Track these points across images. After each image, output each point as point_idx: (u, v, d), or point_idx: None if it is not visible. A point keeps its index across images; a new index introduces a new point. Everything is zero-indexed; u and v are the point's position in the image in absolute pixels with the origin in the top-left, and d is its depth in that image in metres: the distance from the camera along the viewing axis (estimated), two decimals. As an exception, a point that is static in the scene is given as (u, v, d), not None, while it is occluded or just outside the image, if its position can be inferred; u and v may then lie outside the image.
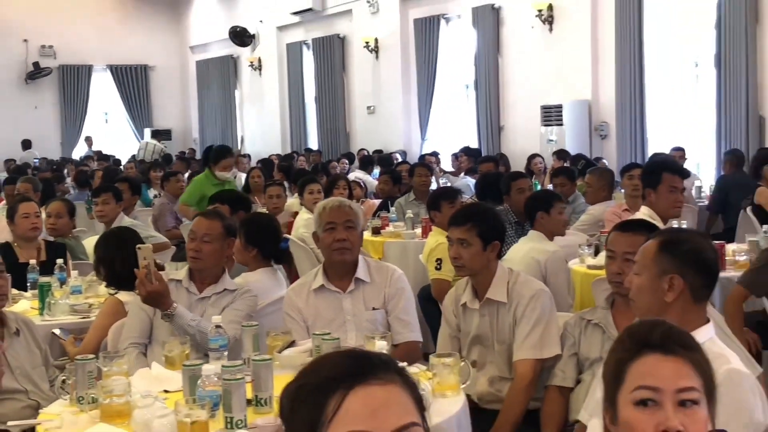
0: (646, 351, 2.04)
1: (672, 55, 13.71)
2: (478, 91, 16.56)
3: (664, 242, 3.12)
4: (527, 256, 5.98)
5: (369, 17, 18.80)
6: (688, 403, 1.99)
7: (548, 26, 14.86)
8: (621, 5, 13.63)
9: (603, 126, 14.32)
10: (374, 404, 1.53)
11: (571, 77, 14.53)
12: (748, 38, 12.01)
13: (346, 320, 4.33)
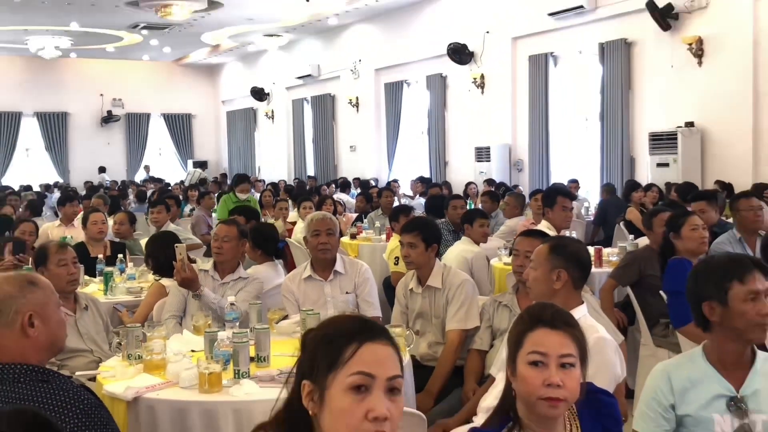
0: (540, 325, 2.05)
1: (569, 112, 13.80)
2: (430, 135, 16.59)
3: (553, 246, 3.16)
4: (459, 255, 6.01)
5: (352, 81, 18.83)
6: (567, 366, 2.01)
7: (480, 90, 14.93)
8: (533, 75, 13.73)
9: (519, 162, 14.38)
10: (380, 356, 1.56)
11: (497, 127, 14.59)
12: (623, 101, 12.13)
13: (327, 301, 4.35)
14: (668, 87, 11.42)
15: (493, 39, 14.47)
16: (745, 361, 2.43)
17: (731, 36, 10.51)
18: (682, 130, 10.91)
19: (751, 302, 2.37)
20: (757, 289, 2.38)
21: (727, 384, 2.39)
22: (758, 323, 2.36)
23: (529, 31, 13.72)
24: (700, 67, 10.94)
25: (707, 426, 2.37)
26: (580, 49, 13.02)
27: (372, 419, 1.50)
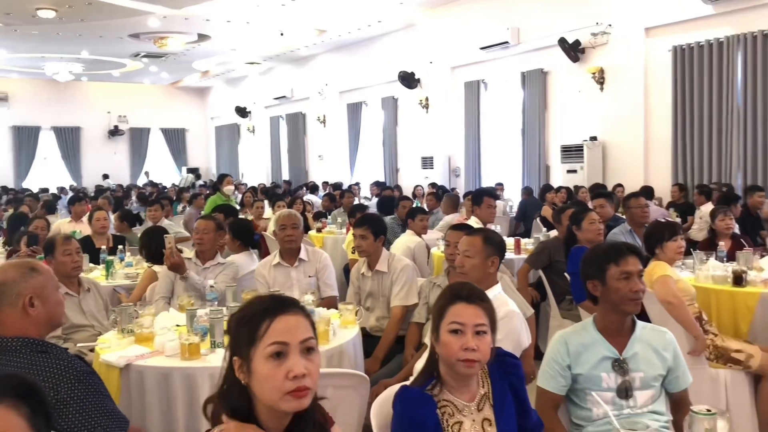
0: (458, 300, 2.05)
1: (497, 127, 13.88)
2: (384, 147, 16.55)
3: (486, 238, 3.21)
4: (404, 244, 6.03)
5: (320, 102, 18.72)
6: (481, 333, 2.01)
7: (426, 110, 14.96)
8: (468, 98, 13.80)
9: (457, 169, 14.44)
10: (291, 325, 1.56)
11: (439, 140, 14.62)
12: (540, 119, 12.27)
13: (293, 284, 4.32)
14: (576, 108, 11.58)
15: (435, 68, 14.51)
16: (626, 329, 2.48)
17: (627, 66, 10.69)
18: (587, 143, 11.07)
19: (624, 281, 2.43)
20: (629, 270, 2.43)
21: (612, 348, 2.43)
22: (630, 298, 2.42)
23: (464, 62, 13.78)
24: (602, 92, 11.11)
25: (596, 382, 2.41)
26: (506, 76, 13.11)
27: (292, 378, 1.51)
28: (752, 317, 4.12)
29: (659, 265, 3.83)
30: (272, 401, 1.53)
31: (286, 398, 1.51)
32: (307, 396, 1.53)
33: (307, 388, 1.53)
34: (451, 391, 2.06)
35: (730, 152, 9.49)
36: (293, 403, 1.52)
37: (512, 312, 2.90)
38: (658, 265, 3.83)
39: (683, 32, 9.91)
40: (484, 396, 2.08)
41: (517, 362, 2.18)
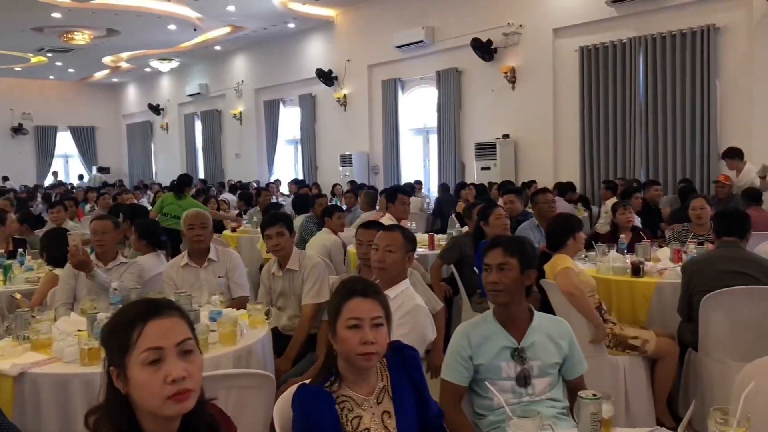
0: (354, 296, 2.05)
1: (414, 126, 14.05)
2: (303, 144, 16.48)
3: (404, 234, 3.27)
4: (321, 243, 6.02)
5: (236, 99, 18.43)
6: (378, 326, 2.03)
7: (344, 107, 14.99)
8: (385, 96, 13.91)
9: (376, 167, 14.53)
10: (164, 329, 1.51)
11: (357, 138, 14.68)
12: (455, 118, 12.50)
13: (202, 284, 4.21)
14: (489, 107, 11.86)
15: (352, 66, 14.54)
16: (524, 320, 2.56)
17: (537, 66, 11.03)
18: (500, 140, 11.36)
19: (485, 273, 2.53)
20: (488, 263, 2.56)
21: (511, 338, 2.51)
22: (488, 290, 2.52)
23: (381, 60, 13.88)
24: (514, 91, 11.43)
25: (496, 372, 2.48)
26: (422, 75, 13.28)
27: (170, 382, 1.47)
28: (649, 306, 4.33)
29: (561, 257, 3.97)
30: (154, 408, 1.49)
31: (167, 403, 1.48)
32: (189, 398, 1.50)
33: (189, 390, 1.49)
34: (350, 386, 2.07)
35: (633, 148, 9.95)
36: (176, 407, 1.48)
37: (418, 306, 2.95)
38: (560, 258, 3.97)
39: (589, 33, 10.31)
40: (383, 389, 2.09)
41: (416, 354, 2.21)
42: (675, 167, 9.47)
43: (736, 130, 8.89)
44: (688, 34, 9.18)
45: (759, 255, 3.87)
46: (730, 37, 8.90)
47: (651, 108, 9.67)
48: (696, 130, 9.22)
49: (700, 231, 5.44)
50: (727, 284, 3.65)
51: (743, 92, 8.78)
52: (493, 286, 2.51)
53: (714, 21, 8.95)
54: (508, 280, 2.52)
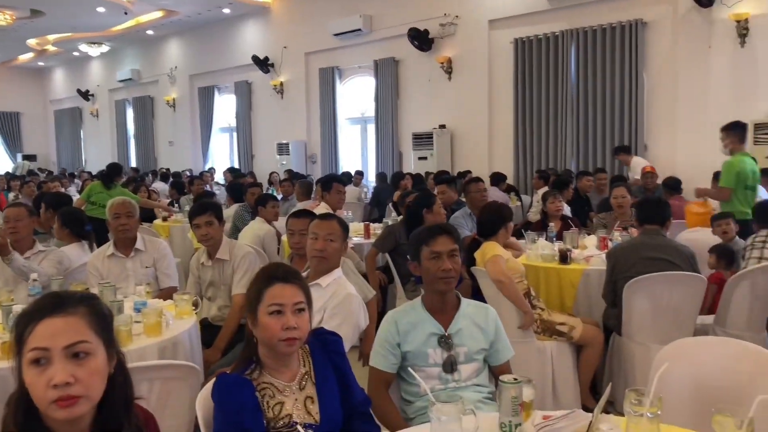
0: (275, 281, 2.03)
1: (352, 115, 14.01)
2: (239, 132, 16.20)
3: (341, 223, 3.28)
4: (253, 232, 5.94)
5: (170, 85, 17.96)
6: (300, 311, 2.01)
7: (280, 95, 14.80)
8: (322, 84, 13.81)
9: (313, 156, 14.43)
10: (55, 330, 1.43)
11: (295, 126, 14.53)
12: (393, 107, 12.53)
13: (128, 275, 4.11)
14: (426, 97, 11.92)
15: (289, 53, 14.36)
16: (451, 307, 2.58)
17: (473, 56, 11.14)
18: (436, 131, 11.44)
19: (433, 260, 2.52)
20: (438, 250, 2.53)
21: (438, 325, 2.53)
22: (440, 277, 2.51)
23: (318, 48, 13.75)
24: (450, 81, 11.52)
25: (424, 358, 2.50)
26: (360, 64, 13.24)
27: (53, 386, 1.40)
28: (575, 292, 4.44)
29: (491, 245, 4.03)
30: (42, 410, 1.43)
31: (52, 407, 1.41)
32: (77, 404, 1.42)
33: (74, 397, 1.41)
34: (271, 373, 2.05)
35: (564, 139, 10.18)
36: (61, 412, 1.41)
37: (351, 296, 2.96)
38: (489, 245, 4.03)
39: (523, 26, 10.47)
40: (305, 375, 2.08)
41: (338, 339, 2.21)
42: (605, 158, 9.74)
43: (662, 121, 9.20)
44: (617, 27, 9.43)
45: (678, 242, 4.01)
46: (657, 31, 9.19)
47: (582, 100, 9.90)
48: (624, 121, 9.50)
49: (622, 219, 5.62)
50: (649, 270, 3.77)
51: (668, 85, 9.09)
52: (446, 273, 2.51)
53: (641, 16, 9.23)
54: (458, 267, 2.55)
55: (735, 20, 8.24)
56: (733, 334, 3.97)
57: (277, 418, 1.99)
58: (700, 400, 2.26)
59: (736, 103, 8.36)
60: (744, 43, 8.25)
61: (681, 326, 3.84)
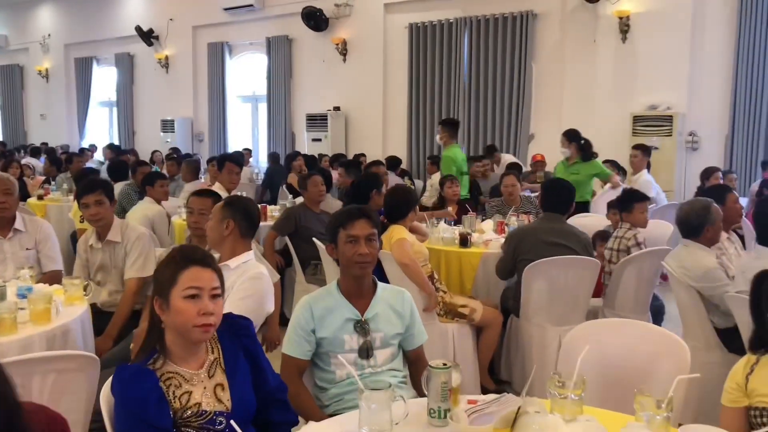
0: (192, 264, 1.92)
1: (243, 93, 13.63)
2: (120, 108, 15.37)
3: (227, 202, 3.14)
4: (142, 213, 5.64)
5: (42, 54, 16.68)
6: (216, 296, 1.93)
7: (165, 69, 14.16)
8: (211, 60, 13.34)
9: (200, 134, 13.93)
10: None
11: (180, 103, 13.95)
12: (286, 87, 12.30)
13: (6, 257, 3.76)
14: (321, 78, 11.78)
15: (176, 26, 13.74)
16: (368, 291, 2.54)
17: (368, 39, 11.11)
18: (331, 112, 11.35)
19: (350, 244, 2.48)
20: (355, 234, 2.49)
21: (354, 310, 2.48)
22: (356, 261, 2.47)
23: (207, 22, 13.24)
24: (345, 63, 11.45)
25: (339, 345, 2.44)
26: (251, 41, 12.88)
27: None
28: (475, 275, 4.54)
29: (397, 228, 4.03)
30: None
31: None
32: None
33: None
34: (177, 361, 1.95)
35: (457, 125, 10.38)
36: None
37: (262, 274, 2.87)
38: (396, 229, 4.03)
39: (419, 11, 10.55)
40: (214, 362, 2.00)
41: (249, 323, 2.13)
42: (494, 144, 10.01)
43: (549, 111, 9.58)
44: (509, 18, 9.70)
45: (576, 227, 4.18)
46: (546, 23, 9.54)
47: (474, 87, 10.13)
48: (512, 110, 9.82)
49: (512, 204, 5.81)
50: (547, 254, 3.90)
51: (555, 76, 9.47)
52: (363, 257, 2.46)
53: (532, 7, 9.54)
54: (376, 251, 2.50)
55: (618, 17, 8.69)
56: (621, 315, 4.21)
57: (184, 408, 1.90)
58: (608, 380, 2.36)
59: (618, 95, 8.85)
60: (626, 39, 8.73)
61: (575, 308, 4.01)
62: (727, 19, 8.31)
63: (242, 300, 2.67)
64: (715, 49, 8.43)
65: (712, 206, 3.65)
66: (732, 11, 8.25)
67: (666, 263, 3.73)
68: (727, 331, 3.45)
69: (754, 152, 8.25)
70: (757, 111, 8.17)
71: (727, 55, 8.37)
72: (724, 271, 3.53)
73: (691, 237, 3.65)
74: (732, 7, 8.25)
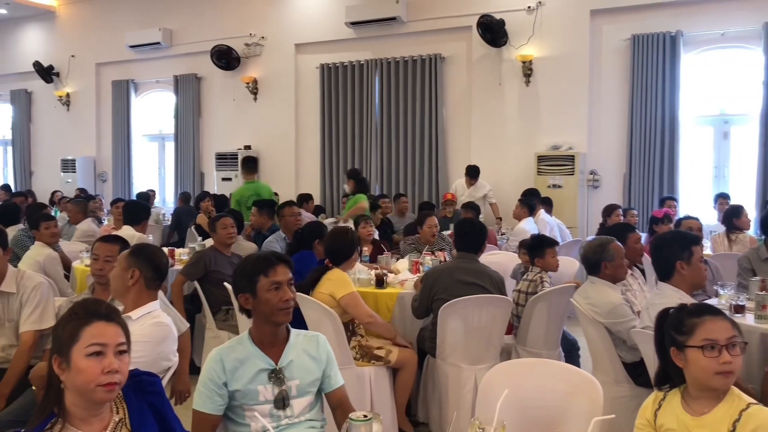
0: (96, 319, 1.82)
1: (149, 131, 13.25)
2: (15, 146, 14.60)
3: (133, 250, 2.99)
4: (33, 258, 5.31)
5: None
6: (123, 353, 1.83)
7: (66, 107, 13.62)
8: (116, 98, 12.95)
9: (104, 174, 13.42)
10: None
11: (83, 141, 13.43)
12: (194, 126, 12.06)
13: None
14: (231, 116, 11.66)
15: (78, 62, 13.29)
16: (281, 339, 2.46)
17: (279, 78, 11.10)
18: (241, 151, 11.21)
19: (274, 291, 2.40)
20: (279, 280, 2.42)
21: (268, 359, 2.39)
22: (281, 308, 2.39)
23: (112, 59, 12.88)
24: (256, 102, 11.37)
25: (254, 396, 2.35)
26: (158, 79, 12.60)
27: None
28: (392, 316, 4.52)
29: (343, 277, 4.09)
30: None
31: None
32: None
33: None
34: (78, 424, 1.83)
35: (369, 164, 10.48)
36: None
37: (161, 323, 2.75)
38: (342, 277, 4.08)
39: (330, 52, 10.66)
40: (119, 422, 1.89)
41: (156, 379, 2.02)
42: (406, 184, 10.17)
43: (459, 151, 9.82)
44: (418, 60, 9.95)
45: (489, 267, 4.25)
46: (454, 66, 9.83)
47: (386, 127, 10.28)
48: (425, 149, 10.01)
49: (430, 244, 5.86)
50: (462, 293, 3.94)
51: (464, 117, 9.74)
52: (287, 303, 2.39)
53: (440, 51, 9.82)
54: (295, 296, 2.44)
55: (521, 61, 9.07)
56: (533, 352, 4.30)
57: None
58: (526, 421, 2.38)
59: (523, 136, 9.19)
60: (529, 83, 9.11)
61: (490, 347, 4.06)
62: (621, 65, 8.83)
63: (134, 343, 2.53)
64: (611, 92, 8.92)
65: (610, 244, 3.80)
66: (626, 58, 8.78)
67: (574, 300, 3.85)
68: (635, 365, 3.57)
69: (649, 189, 8.72)
70: (651, 150, 8.66)
71: (623, 99, 8.87)
72: (629, 307, 3.67)
73: (594, 274, 3.80)
74: (625, 54, 8.78)
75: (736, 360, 1.99)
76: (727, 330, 2.01)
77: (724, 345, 1.99)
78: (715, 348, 1.99)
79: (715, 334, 2.01)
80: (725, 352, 1.98)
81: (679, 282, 3.29)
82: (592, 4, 8.79)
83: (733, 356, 1.98)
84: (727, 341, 1.99)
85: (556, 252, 4.67)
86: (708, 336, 2.01)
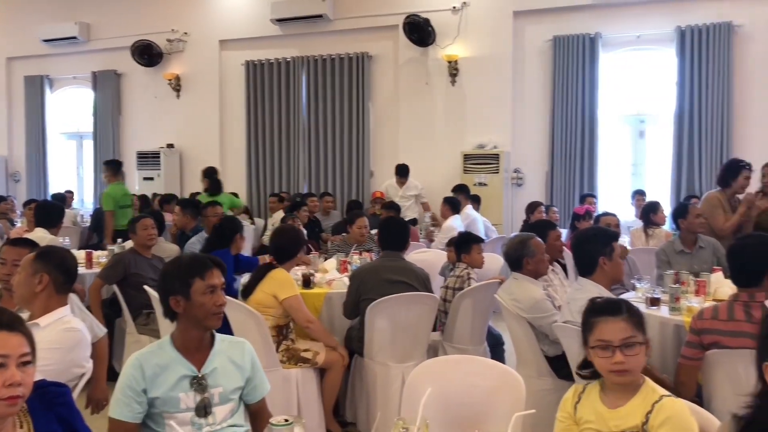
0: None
1: (66, 129, 12.70)
2: None
3: (39, 253, 2.85)
4: None
5: None
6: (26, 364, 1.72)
7: None
8: (29, 95, 12.35)
9: (17, 174, 12.77)
10: None
11: None
12: (114, 123, 11.66)
13: None
14: (153, 114, 11.33)
15: (-13, 56, 12.63)
16: (205, 345, 2.39)
17: (203, 75, 10.86)
18: (164, 150, 10.92)
19: (209, 295, 2.35)
20: (214, 283, 2.37)
21: (191, 366, 2.32)
22: (215, 312, 2.35)
23: (24, 54, 12.28)
24: (179, 99, 11.09)
25: (174, 404, 2.28)
26: (75, 74, 12.11)
27: None
28: (319, 316, 4.48)
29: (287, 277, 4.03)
30: None
31: None
32: None
33: None
34: None
35: (297, 162, 10.40)
36: None
37: (72, 329, 2.64)
38: (287, 278, 4.02)
39: (255, 49, 10.51)
40: None
41: (65, 390, 1.93)
42: (335, 182, 10.13)
43: (386, 150, 9.85)
44: (345, 58, 9.93)
45: (414, 264, 4.27)
46: (381, 65, 9.86)
47: (313, 125, 10.21)
48: (353, 148, 10.00)
49: (359, 243, 5.85)
50: (389, 292, 3.95)
51: (391, 116, 9.78)
52: (220, 308, 2.36)
53: (367, 50, 9.83)
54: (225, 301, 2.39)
55: (447, 61, 9.18)
56: (459, 348, 4.35)
57: None
58: (450, 418, 2.40)
59: (450, 135, 9.31)
60: (455, 82, 9.24)
61: (417, 344, 4.08)
62: (544, 65, 9.06)
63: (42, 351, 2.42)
64: (534, 92, 9.14)
65: (530, 240, 3.90)
66: (547, 59, 9.02)
67: (498, 296, 3.92)
68: (557, 359, 3.66)
69: (570, 187, 8.99)
70: (573, 149, 8.93)
71: (545, 98, 9.11)
72: (551, 302, 3.76)
73: (516, 269, 3.88)
74: (547, 55, 9.02)
75: (631, 359, 2.04)
76: (621, 331, 2.06)
77: (618, 346, 2.04)
78: (608, 348, 2.05)
79: (608, 335, 2.06)
80: (618, 353, 2.04)
81: (600, 277, 3.38)
82: (514, 5, 8.99)
83: (627, 356, 2.03)
84: (622, 342, 2.04)
85: (482, 249, 4.74)
86: (601, 337, 2.08)
